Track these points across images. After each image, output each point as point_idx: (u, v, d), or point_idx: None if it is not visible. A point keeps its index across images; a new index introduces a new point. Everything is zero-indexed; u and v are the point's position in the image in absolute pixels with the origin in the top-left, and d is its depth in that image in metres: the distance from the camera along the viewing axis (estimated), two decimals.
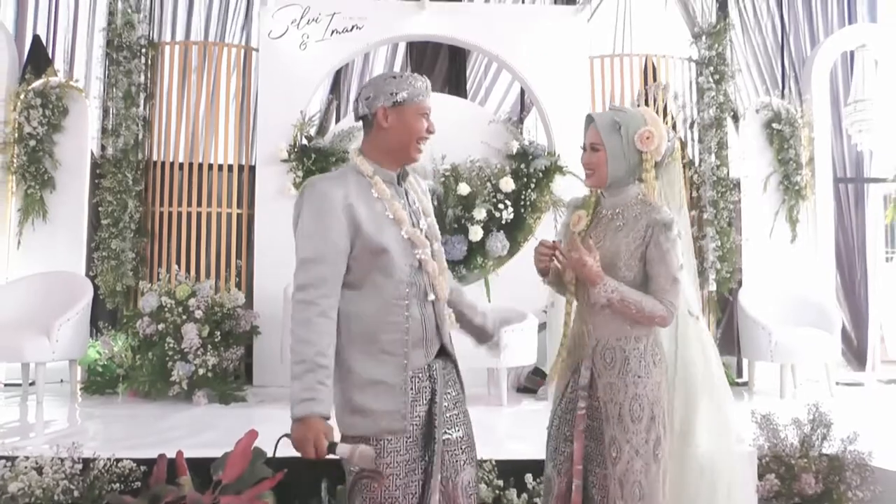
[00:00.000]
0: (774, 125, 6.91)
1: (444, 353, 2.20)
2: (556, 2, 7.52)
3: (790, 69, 7.69)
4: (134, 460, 3.40)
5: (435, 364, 2.15)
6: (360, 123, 2.21)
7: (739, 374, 6.84)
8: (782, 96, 7.27)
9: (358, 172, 2.14)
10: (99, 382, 5.68)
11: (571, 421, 2.32)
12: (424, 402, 2.10)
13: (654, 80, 6.97)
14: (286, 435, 1.96)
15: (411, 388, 2.08)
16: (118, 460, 3.38)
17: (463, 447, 2.20)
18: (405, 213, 2.13)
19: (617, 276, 2.23)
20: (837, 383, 6.26)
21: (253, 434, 3.22)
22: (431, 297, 2.14)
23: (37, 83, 6.31)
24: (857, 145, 7.36)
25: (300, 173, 6.24)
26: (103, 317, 6.20)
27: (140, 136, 6.40)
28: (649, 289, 2.25)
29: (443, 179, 6.34)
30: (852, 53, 7.67)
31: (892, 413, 5.75)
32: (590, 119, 2.34)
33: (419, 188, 2.30)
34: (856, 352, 7.52)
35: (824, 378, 6.14)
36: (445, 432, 2.14)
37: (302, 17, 6.51)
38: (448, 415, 2.17)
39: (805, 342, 6.03)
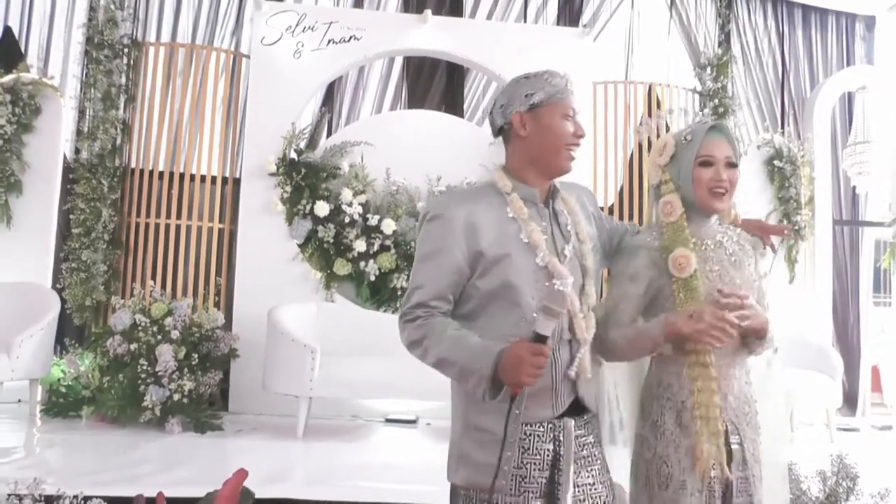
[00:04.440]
0: (776, 162, 6.83)
1: (582, 408, 1.85)
2: (559, 23, 7.34)
3: (789, 107, 7.63)
4: (105, 499, 3.04)
5: (565, 423, 1.80)
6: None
7: None
8: (782, 134, 7.17)
9: (495, 190, 1.86)
10: (62, 404, 5.26)
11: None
12: (545, 466, 1.77)
13: (658, 108, 6.81)
14: None
15: (523, 446, 1.76)
16: (87, 499, 3.01)
17: None
18: (542, 238, 1.80)
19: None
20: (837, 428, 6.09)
21: (241, 474, 2.96)
22: (567, 336, 1.80)
23: (7, 78, 5.94)
24: (854, 188, 7.28)
25: (288, 188, 5.93)
26: (70, 333, 5.86)
27: (118, 141, 6.10)
28: None
29: None
30: (850, 95, 7.63)
31: None
32: (717, 129, 1.95)
33: (577, 208, 1.94)
34: (847, 396, 7.38)
35: (822, 423, 5.98)
36: None
37: (297, 25, 6.21)
38: (584, 485, 1.81)
39: (806, 385, 5.83)
